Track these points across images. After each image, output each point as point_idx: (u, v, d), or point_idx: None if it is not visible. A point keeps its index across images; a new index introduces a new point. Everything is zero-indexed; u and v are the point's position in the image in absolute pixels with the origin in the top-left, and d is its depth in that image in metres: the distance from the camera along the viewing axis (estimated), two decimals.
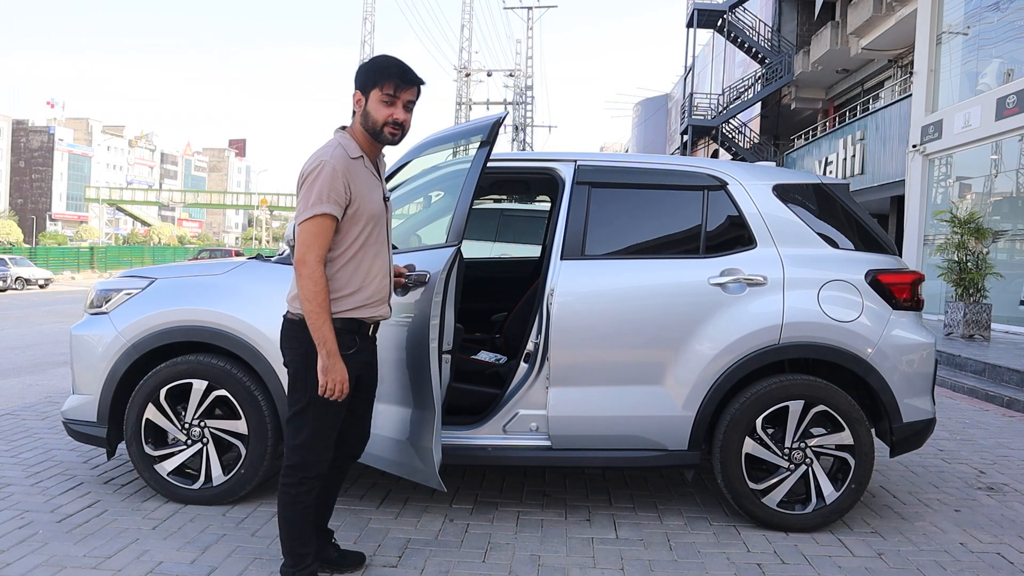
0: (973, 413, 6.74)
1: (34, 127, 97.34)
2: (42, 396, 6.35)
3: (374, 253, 2.65)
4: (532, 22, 56.38)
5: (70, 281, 36.13)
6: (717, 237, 3.67)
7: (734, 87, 28.53)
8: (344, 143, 2.60)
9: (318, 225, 2.49)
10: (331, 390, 2.54)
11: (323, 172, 2.49)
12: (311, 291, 2.48)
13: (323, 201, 2.48)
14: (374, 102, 2.58)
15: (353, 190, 2.54)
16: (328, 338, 2.50)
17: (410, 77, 2.61)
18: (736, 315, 3.49)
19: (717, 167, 3.78)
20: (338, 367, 2.53)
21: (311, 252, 2.49)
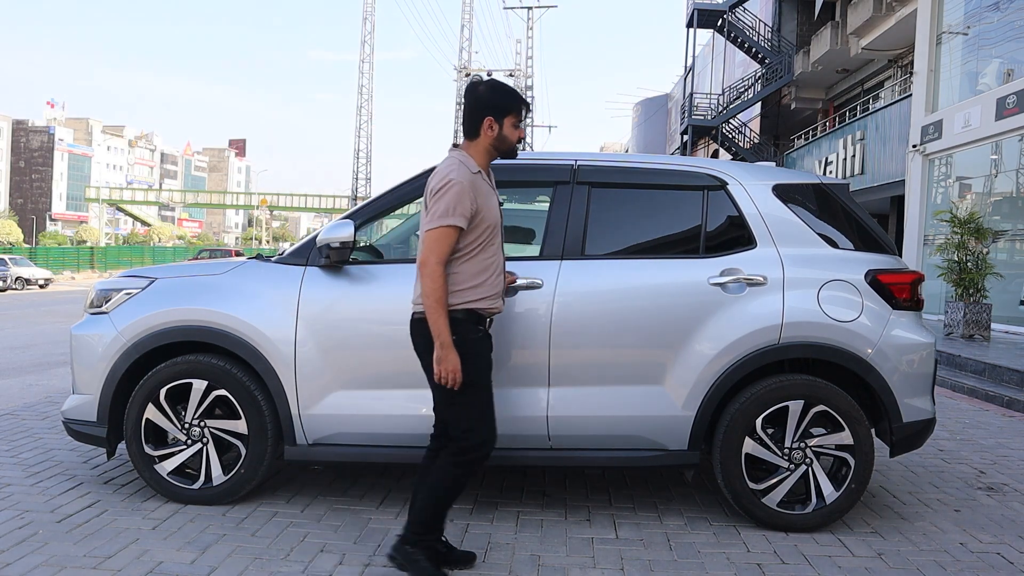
0: (973, 413, 6.74)
1: (34, 127, 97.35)
2: (42, 396, 6.35)
3: (492, 253, 2.95)
4: (532, 22, 56.40)
5: (70, 281, 36.13)
6: (717, 237, 3.67)
7: (734, 87, 28.54)
8: (464, 161, 2.90)
9: (442, 234, 2.79)
10: (445, 378, 2.77)
11: (452, 189, 2.79)
12: (430, 288, 2.77)
13: (449, 214, 2.78)
14: (508, 127, 2.95)
15: (478, 202, 2.84)
16: (443, 331, 2.76)
17: (527, 103, 3.02)
18: (736, 315, 3.49)
19: (717, 167, 3.78)
20: (451, 357, 2.77)
21: (433, 255, 2.78)
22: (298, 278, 3.62)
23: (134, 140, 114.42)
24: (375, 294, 3.59)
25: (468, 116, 2.96)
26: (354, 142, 57.69)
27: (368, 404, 3.56)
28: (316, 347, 3.54)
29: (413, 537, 2.92)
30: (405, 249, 4.19)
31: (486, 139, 2.94)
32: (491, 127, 2.92)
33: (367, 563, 3.07)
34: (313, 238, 3.65)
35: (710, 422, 3.51)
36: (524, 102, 3.00)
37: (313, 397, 3.55)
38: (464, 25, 57.22)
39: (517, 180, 3.97)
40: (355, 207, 3.83)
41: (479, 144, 2.95)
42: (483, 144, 2.95)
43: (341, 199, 66.56)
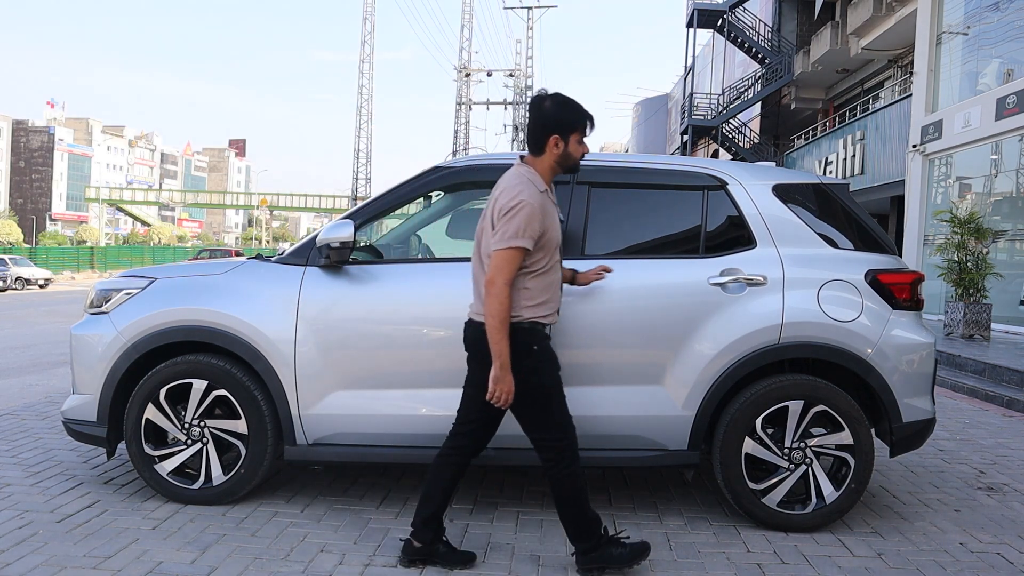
0: (973, 413, 6.74)
1: (34, 127, 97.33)
2: (42, 396, 6.35)
3: (556, 268, 3.00)
4: (532, 22, 56.39)
5: (70, 281, 36.13)
6: (717, 237, 3.67)
7: (734, 87, 28.53)
8: (532, 179, 2.91)
9: (513, 255, 2.81)
10: (498, 398, 2.82)
11: (523, 211, 2.81)
12: (495, 309, 2.80)
13: (519, 236, 2.80)
14: (574, 144, 2.96)
15: (545, 223, 2.87)
16: (504, 352, 2.81)
17: (593, 119, 3.00)
18: (736, 315, 3.49)
19: (717, 167, 3.78)
20: (508, 379, 2.82)
21: (501, 276, 2.81)
22: (298, 278, 3.62)
23: (134, 140, 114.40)
24: (375, 294, 3.59)
25: (533, 132, 2.95)
26: (354, 142, 57.70)
27: (368, 404, 3.56)
28: (316, 347, 3.54)
29: (585, 547, 2.97)
30: (405, 249, 4.19)
31: (551, 156, 2.95)
32: (557, 145, 2.93)
33: (367, 563, 3.07)
34: (313, 238, 3.65)
35: (710, 422, 3.51)
36: (590, 117, 2.98)
37: (313, 397, 3.55)
38: (464, 25, 57.21)
39: None
40: (355, 207, 3.83)
41: (544, 161, 2.96)
42: (548, 161, 2.96)
43: (341, 199, 66.55)
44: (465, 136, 57.48)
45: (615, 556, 2.96)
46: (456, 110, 57.47)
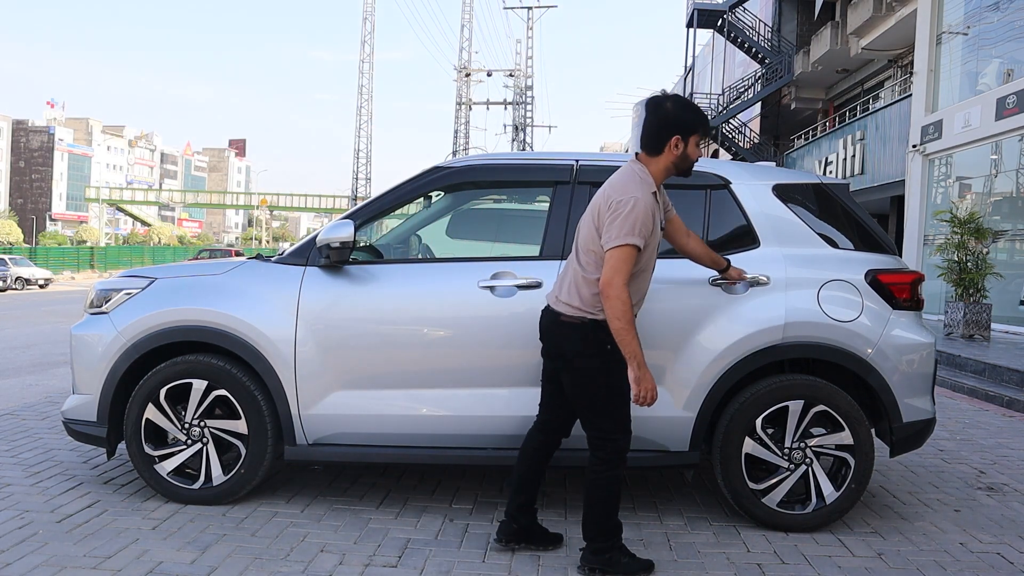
0: (973, 413, 6.74)
1: (34, 127, 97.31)
2: (42, 396, 6.35)
3: (649, 268, 3.03)
4: (532, 22, 56.39)
5: (70, 281, 36.13)
6: (718, 237, 3.67)
7: (734, 87, 28.53)
8: (644, 178, 2.92)
9: (628, 253, 2.80)
10: (643, 398, 2.83)
11: (637, 207, 2.81)
12: (619, 310, 2.78)
13: (634, 234, 2.80)
14: (692, 146, 2.97)
15: (655, 223, 2.89)
16: (637, 352, 2.81)
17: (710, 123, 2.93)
18: (737, 315, 3.49)
19: (717, 167, 3.78)
20: (648, 376, 2.82)
21: (619, 276, 2.79)
22: (298, 278, 3.62)
23: (134, 140, 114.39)
24: (375, 294, 3.59)
25: (654, 133, 2.96)
26: (354, 142, 57.71)
27: (368, 404, 3.56)
28: (316, 347, 3.54)
29: (597, 546, 2.98)
30: (405, 249, 4.19)
31: (669, 156, 2.95)
32: (677, 145, 2.93)
33: (367, 563, 3.07)
34: (313, 238, 3.65)
35: (710, 422, 3.51)
36: (709, 124, 3.04)
37: (313, 397, 3.56)
38: (464, 25, 57.22)
39: (517, 180, 3.97)
40: (355, 207, 3.84)
41: (660, 161, 2.96)
42: (664, 162, 2.96)
43: (341, 199, 66.58)
44: (465, 136, 57.49)
45: (619, 564, 2.96)
46: (456, 110, 57.49)
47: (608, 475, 2.96)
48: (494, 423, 3.52)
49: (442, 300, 3.53)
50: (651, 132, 2.96)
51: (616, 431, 2.95)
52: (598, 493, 2.97)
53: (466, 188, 4.10)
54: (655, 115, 2.96)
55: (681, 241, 3.29)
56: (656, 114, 2.96)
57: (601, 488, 2.97)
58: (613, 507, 2.98)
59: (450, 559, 3.13)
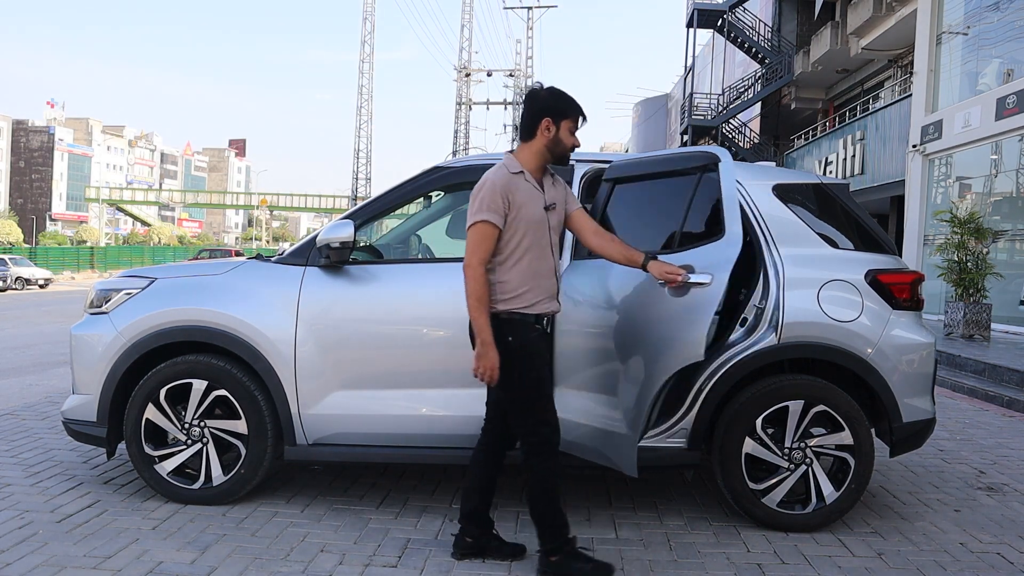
0: (973, 413, 6.74)
1: (34, 127, 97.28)
2: (42, 396, 6.34)
3: (539, 255, 2.95)
4: (532, 22, 56.40)
5: (70, 281, 36.13)
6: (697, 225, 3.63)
7: (734, 87, 28.53)
8: (507, 163, 2.96)
9: (478, 231, 2.85)
10: (483, 374, 2.83)
11: (485, 186, 2.88)
12: (471, 288, 2.84)
13: (484, 210, 2.85)
14: (564, 131, 2.97)
15: (513, 201, 2.87)
16: (484, 329, 2.83)
17: (586, 114, 3.04)
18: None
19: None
20: (491, 354, 2.82)
21: (475, 256, 2.85)
22: (298, 278, 3.62)
23: (134, 140, 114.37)
24: (375, 294, 3.59)
25: (526, 119, 2.99)
26: (354, 142, 57.67)
27: (368, 404, 3.56)
28: (316, 347, 3.54)
29: (551, 547, 2.95)
30: (405, 249, 4.20)
31: (541, 140, 2.96)
32: (548, 128, 2.95)
33: (367, 563, 3.07)
34: (313, 238, 3.65)
35: (710, 422, 3.51)
36: (583, 111, 3.01)
37: (313, 397, 3.56)
38: (464, 25, 57.23)
39: None
40: (355, 207, 3.84)
41: (532, 146, 2.98)
42: (536, 146, 2.97)
43: (341, 199, 66.57)
44: (465, 136, 57.50)
45: (576, 569, 2.93)
46: (456, 110, 57.50)
47: (542, 468, 2.93)
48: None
49: (442, 300, 3.53)
50: (525, 118, 2.99)
51: (537, 423, 2.92)
52: (536, 488, 2.96)
53: (466, 188, 4.07)
54: (529, 102, 2.99)
55: (589, 240, 3.15)
56: (530, 101, 2.99)
57: (538, 482, 2.95)
58: (553, 500, 2.95)
59: (450, 559, 3.12)
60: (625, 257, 3.09)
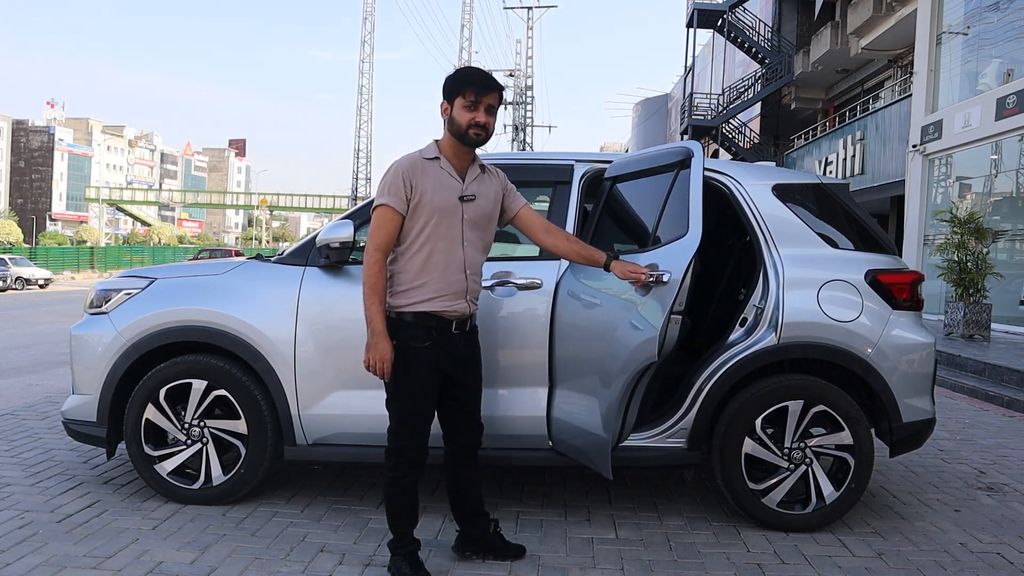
0: (973, 413, 6.74)
1: (34, 127, 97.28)
2: (42, 396, 6.34)
3: (444, 248, 2.81)
4: (532, 22, 56.38)
5: (70, 281, 36.12)
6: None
7: (734, 87, 28.52)
8: (424, 148, 2.89)
9: (379, 215, 2.77)
10: (372, 366, 2.75)
11: (388, 173, 2.82)
12: (365, 275, 2.75)
13: (385, 194, 2.78)
14: (458, 109, 2.81)
15: (417, 186, 2.77)
16: (375, 318, 2.73)
17: (489, 83, 2.81)
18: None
19: (717, 167, 3.78)
20: (381, 346, 2.73)
21: (372, 241, 2.77)
22: (298, 278, 3.62)
23: (134, 140, 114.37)
24: None
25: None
26: (354, 142, 57.70)
27: (368, 404, 3.55)
28: (316, 347, 3.54)
29: (393, 547, 2.94)
30: None
31: (447, 125, 2.85)
32: (445, 111, 2.85)
33: (367, 563, 3.07)
34: (313, 238, 3.65)
35: (710, 422, 3.51)
36: (476, 81, 2.79)
37: (313, 397, 3.55)
38: (464, 25, 57.22)
39: (516, 180, 3.96)
40: (355, 207, 3.83)
41: (444, 132, 2.89)
42: (446, 131, 2.87)
43: (341, 199, 66.56)
44: None
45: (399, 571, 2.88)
46: None
47: (387, 474, 2.89)
48: (493, 423, 3.51)
49: None
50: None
51: (401, 439, 2.86)
52: (384, 489, 2.93)
53: None
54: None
55: (540, 238, 3.04)
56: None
57: (385, 485, 2.91)
58: (394, 510, 2.90)
59: (450, 559, 3.13)
60: (584, 257, 3.02)
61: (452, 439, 3.05)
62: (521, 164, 3.93)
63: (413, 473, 2.90)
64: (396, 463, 2.87)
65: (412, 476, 2.90)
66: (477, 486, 3.13)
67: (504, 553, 3.11)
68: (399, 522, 2.91)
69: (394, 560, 2.92)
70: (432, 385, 2.85)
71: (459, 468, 3.09)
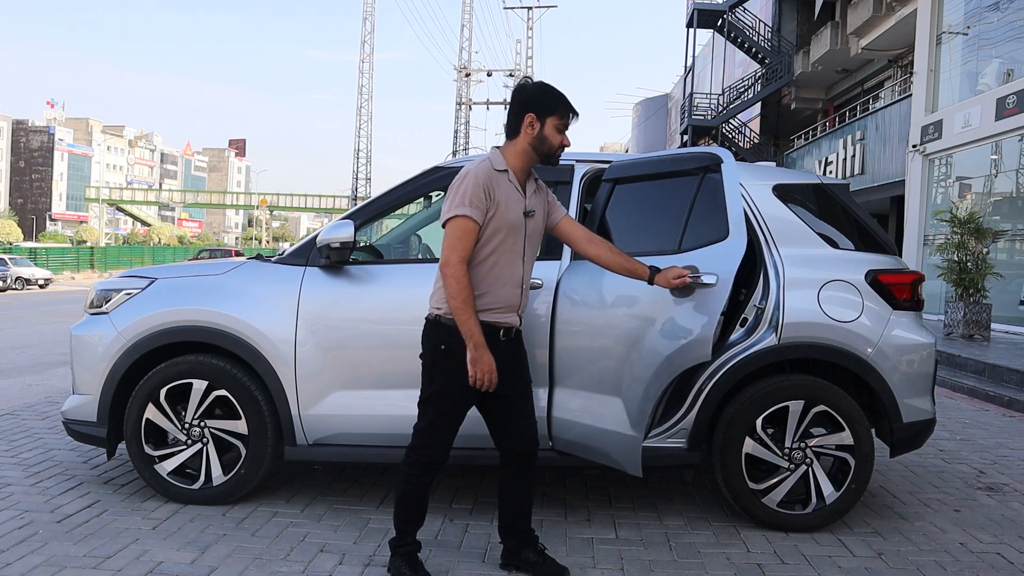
0: (973, 413, 6.74)
1: (34, 127, 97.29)
2: (42, 396, 6.34)
3: (506, 262, 2.80)
4: (532, 22, 56.42)
5: (70, 281, 36.12)
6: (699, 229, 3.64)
7: (734, 87, 28.52)
8: (492, 158, 2.81)
9: (458, 226, 2.68)
10: (480, 380, 2.70)
11: (467, 179, 2.71)
12: (454, 289, 2.66)
13: (465, 204, 2.67)
14: (550, 128, 2.80)
15: (494, 198, 2.72)
16: (474, 332, 2.67)
17: (575, 109, 2.85)
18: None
19: None
20: (485, 358, 2.68)
21: (454, 253, 2.67)
22: (298, 278, 3.62)
23: (134, 140, 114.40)
24: (375, 294, 3.59)
25: (510, 115, 2.85)
26: (354, 142, 57.80)
27: (368, 404, 3.56)
28: (316, 347, 3.54)
29: (393, 544, 2.92)
30: (405, 249, 4.20)
31: (525, 138, 2.80)
32: (532, 125, 2.79)
33: (367, 563, 3.07)
34: (313, 238, 3.65)
35: (710, 422, 3.51)
36: (572, 107, 2.83)
37: (313, 397, 3.56)
38: (464, 25, 57.22)
39: None
40: (355, 207, 3.84)
41: (517, 144, 2.82)
42: (521, 144, 2.82)
43: (341, 199, 66.57)
44: (465, 136, 57.50)
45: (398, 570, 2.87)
46: (456, 110, 57.50)
47: (404, 471, 2.86)
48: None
49: None
50: (509, 115, 2.85)
51: (417, 434, 2.84)
52: (397, 485, 2.90)
53: None
54: (514, 97, 2.86)
55: (584, 249, 3.02)
56: (515, 95, 2.86)
57: (399, 481, 2.89)
58: (402, 507, 2.88)
59: (450, 559, 3.13)
60: (627, 270, 3.02)
61: (502, 445, 2.99)
62: None
63: (430, 474, 2.87)
64: (416, 461, 2.85)
65: (428, 477, 2.87)
66: (523, 500, 3.02)
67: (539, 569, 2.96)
68: (404, 520, 2.89)
69: (394, 560, 2.91)
70: (473, 393, 2.79)
71: (510, 479, 3.01)
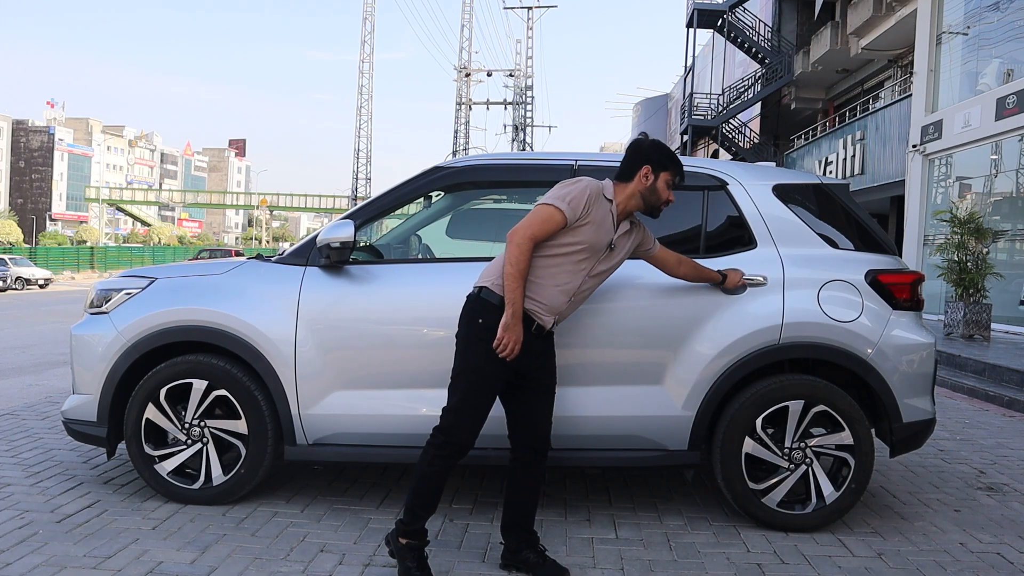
0: (973, 413, 6.74)
1: (34, 127, 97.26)
2: (42, 396, 6.35)
3: (568, 271, 2.93)
4: (532, 22, 56.45)
5: (70, 281, 36.12)
6: (717, 237, 3.67)
7: (734, 87, 28.52)
8: (606, 185, 3.00)
9: (547, 212, 2.84)
10: (504, 346, 2.77)
11: (578, 183, 2.91)
12: (515, 257, 2.78)
13: (563, 200, 2.84)
14: (662, 183, 3.03)
15: (591, 213, 2.89)
16: (517, 300, 2.78)
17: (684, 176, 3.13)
18: (736, 315, 3.49)
19: (717, 167, 3.78)
20: (517, 328, 2.78)
21: (530, 229, 2.81)
22: (298, 278, 3.62)
23: (134, 140, 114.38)
24: (375, 294, 3.59)
25: (627, 162, 3.05)
26: (354, 142, 57.80)
27: (368, 404, 3.56)
28: (316, 347, 3.54)
29: (405, 528, 2.89)
30: (405, 249, 4.19)
31: (638, 184, 3.01)
32: (647, 176, 3.01)
33: (367, 563, 3.07)
34: (313, 238, 3.65)
35: (710, 422, 3.51)
36: (681, 167, 3.08)
37: (313, 397, 3.55)
38: (464, 25, 57.25)
39: (517, 180, 3.97)
40: (355, 207, 3.83)
41: (628, 188, 3.02)
42: (633, 188, 3.02)
43: (341, 199, 66.60)
44: (465, 136, 57.53)
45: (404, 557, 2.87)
46: (456, 110, 57.54)
47: (429, 451, 2.88)
48: (494, 423, 3.51)
49: (442, 300, 3.52)
50: (626, 162, 3.06)
51: (446, 413, 2.87)
52: (417, 466, 2.91)
53: (466, 188, 4.10)
54: (631, 148, 3.08)
55: (674, 271, 3.37)
56: (633, 147, 3.08)
57: (421, 462, 2.90)
58: (419, 489, 2.88)
59: (450, 559, 3.13)
60: (704, 278, 3.42)
61: (517, 442, 3.04)
62: (522, 165, 3.93)
63: (454, 457, 2.89)
64: (443, 442, 2.86)
65: (452, 461, 2.89)
66: (528, 500, 3.05)
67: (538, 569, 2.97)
68: (418, 503, 2.89)
69: (401, 552, 2.87)
70: (504, 371, 2.86)
71: (518, 478, 3.04)
